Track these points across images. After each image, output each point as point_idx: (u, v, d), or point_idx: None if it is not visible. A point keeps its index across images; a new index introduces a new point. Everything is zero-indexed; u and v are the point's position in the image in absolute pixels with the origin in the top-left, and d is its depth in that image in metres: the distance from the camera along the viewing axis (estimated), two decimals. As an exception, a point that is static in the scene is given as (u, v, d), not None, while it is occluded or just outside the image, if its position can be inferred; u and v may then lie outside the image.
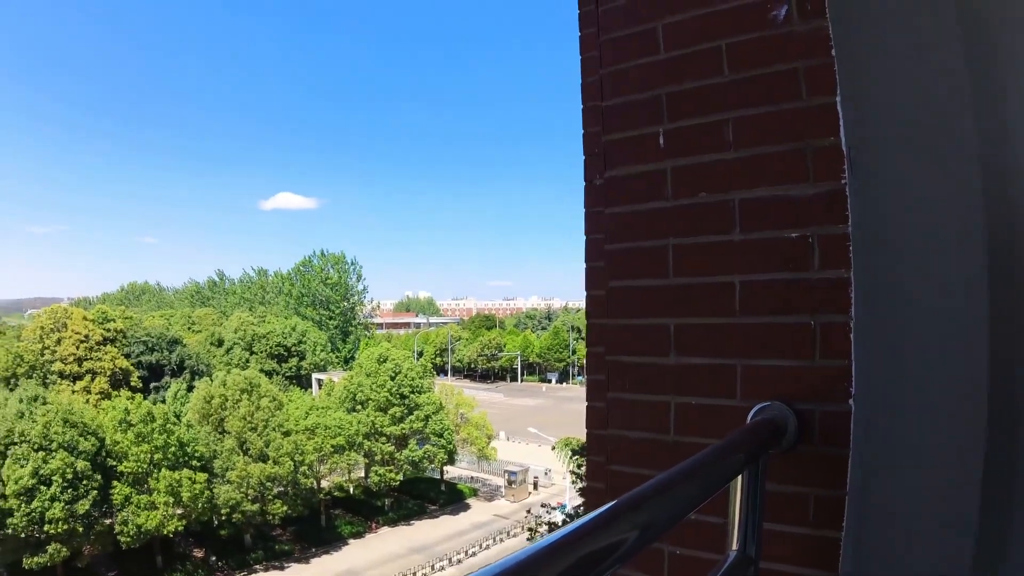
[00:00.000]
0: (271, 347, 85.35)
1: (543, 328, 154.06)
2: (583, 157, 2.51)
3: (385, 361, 55.86)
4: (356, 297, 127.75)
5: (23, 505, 41.54)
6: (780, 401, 1.91)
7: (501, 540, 52.04)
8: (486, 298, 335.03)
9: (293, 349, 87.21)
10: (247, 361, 72.99)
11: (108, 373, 64.96)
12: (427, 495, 57.87)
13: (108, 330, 70.61)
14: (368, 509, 54.85)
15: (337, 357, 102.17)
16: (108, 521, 45.21)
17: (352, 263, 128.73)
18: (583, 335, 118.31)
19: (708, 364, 2.07)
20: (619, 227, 2.31)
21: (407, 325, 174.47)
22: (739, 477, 1.56)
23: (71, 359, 66.32)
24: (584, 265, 2.51)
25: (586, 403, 2.44)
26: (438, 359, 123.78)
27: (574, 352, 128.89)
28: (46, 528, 41.55)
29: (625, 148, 2.30)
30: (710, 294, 2.07)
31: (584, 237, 2.52)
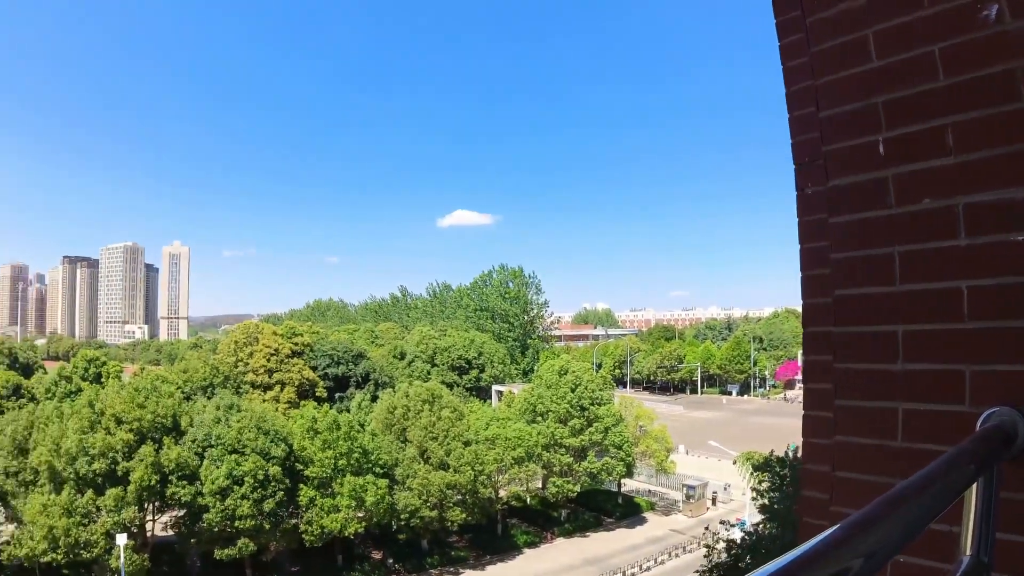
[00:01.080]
0: (452, 360, 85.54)
1: (723, 339, 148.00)
2: (793, 167, 2.51)
3: (566, 373, 53.19)
4: (536, 310, 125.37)
5: (217, 502, 42.41)
6: (1010, 406, 1.80)
7: (677, 556, 49.37)
8: (664, 309, 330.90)
9: (473, 362, 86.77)
10: (428, 373, 72.50)
11: (296, 384, 66.35)
12: (603, 507, 55.08)
13: (296, 344, 72.85)
14: (544, 519, 52.69)
15: (516, 369, 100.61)
16: (293, 521, 45.57)
17: (530, 276, 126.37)
18: (765, 345, 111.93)
19: (936, 370, 2.00)
20: (844, 236, 2.23)
21: (585, 337, 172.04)
22: (973, 485, 1.51)
23: (262, 371, 68.61)
24: (800, 274, 2.47)
25: (803, 412, 2.41)
26: (617, 371, 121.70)
27: (755, 363, 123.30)
28: (236, 524, 42.25)
29: (846, 157, 2.23)
30: (937, 300, 2.01)
31: (798, 246, 2.49)
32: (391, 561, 48.49)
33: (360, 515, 45.69)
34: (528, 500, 53.71)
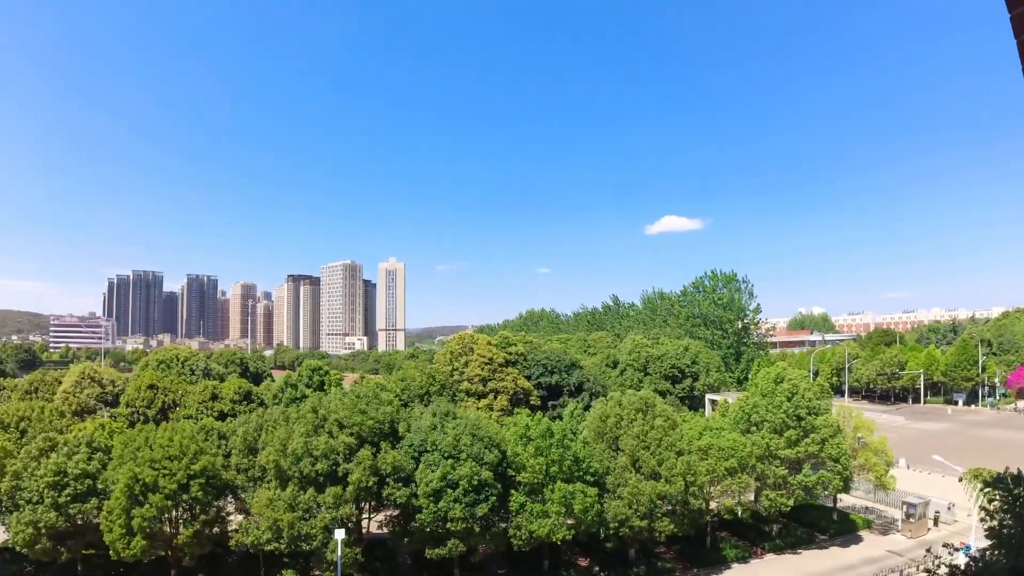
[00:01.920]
0: (665, 368, 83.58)
1: (947, 343, 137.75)
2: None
3: (781, 381, 49.46)
4: (749, 316, 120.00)
5: (431, 504, 42.26)
6: None
7: (892, 580, 45.22)
8: (884, 311, 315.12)
9: (686, 370, 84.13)
10: (640, 382, 69.79)
11: (510, 392, 66.25)
12: (817, 523, 51.14)
13: (510, 353, 73.22)
14: (754, 533, 49.47)
15: (730, 377, 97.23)
16: (503, 525, 44.89)
17: (743, 281, 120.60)
18: (994, 349, 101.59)
19: None
20: None
21: (801, 343, 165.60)
22: None
23: (477, 379, 69.09)
24: None
25: None
26: (834, 379, 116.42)
27: (984, 370, 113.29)
28: (448, 525, 42.16)
29: None
30: None
31: None
32: (597, 569, 47.07)
33: (569, 522, 44.32)
34: (739, 513, 50.46)
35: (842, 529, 51.84)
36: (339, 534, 42.10)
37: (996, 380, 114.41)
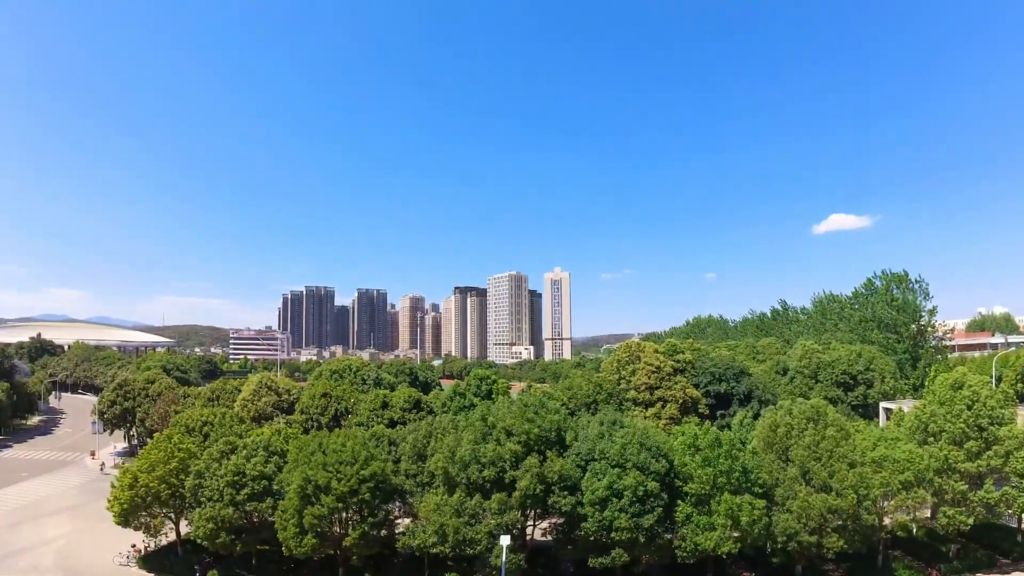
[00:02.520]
0: (836, 375, 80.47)
1: None
2: None
3: (961, 388, 46.45)
4: (925, 318, 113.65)
5: (596, 513, 42.23)
6: None
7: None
8: None
9: (859, 377, 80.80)
10: (810, 389, 67.76)
11: (678, 401, 65.66)
12: (999, 545, 48.24)
13: (677, 361, 72.32)
14: (930, 553, 46.89)
15: (906, 384, 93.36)
16: (668, 536, 44.27)
17: (917, 281, 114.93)
18: None
19: None
20: None
21: (982, 347, 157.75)
22: None
23: (644, 388, 68.61)
24: None
25: None
26: (1020, 385, 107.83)
27: None
28: (612, 535, 41.95)
29: None
30: None
31: None
32: (761, 583, 45.13)
33: (735, 535, 43.24)
34: (914, 531, 47.79)
35: (1027, 551, 48.22)
36: (504, 540, 42.39)
37: None
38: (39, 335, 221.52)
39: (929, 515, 47.33)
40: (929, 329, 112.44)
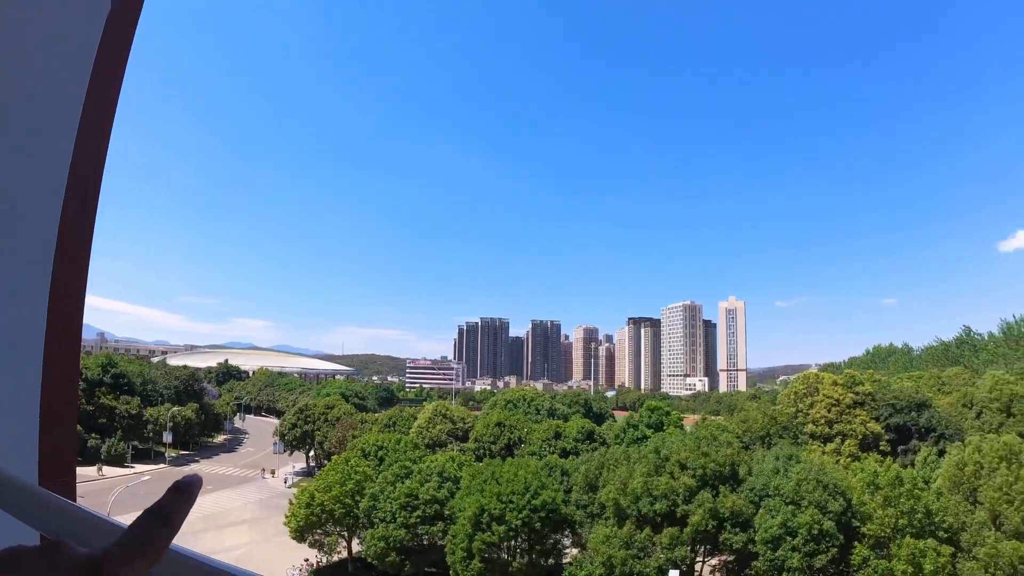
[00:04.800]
0: None
1: None
2: None
3: None
4: None
5: (768, 551, 41.55)
6: None
7: None
8: None
9: None
10: (1001, 425, 64.54)
11: (859, 436, 64.04)
12: None
13: (857, 394, 70.10)
14: None
15: None
16: None
17: None
18: None
19: None
20: None
21: None
22: None
23: (822, 421, 67.09)
24: None
25: None
26: None
27: None
28: (784, 575, 40.84)
29: None
30: None
31: None
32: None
33: (922, 582, 40.98)
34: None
35: None
36: (673, 575, 42.15)
37: None
38: (226, 361, 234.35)
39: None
40: None
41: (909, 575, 40.44)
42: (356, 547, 54.72)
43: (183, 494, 0.94)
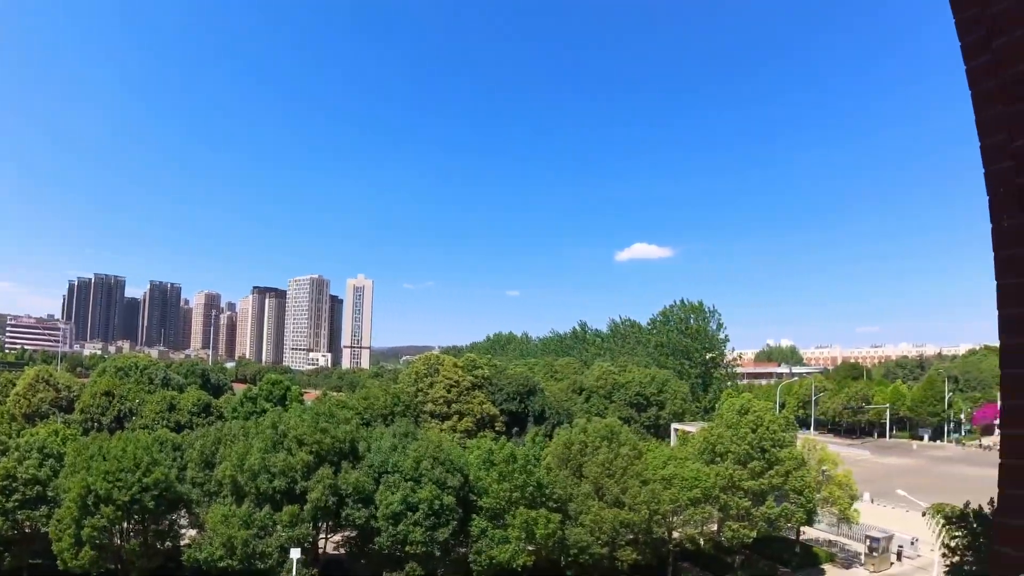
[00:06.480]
0: (630, 396, 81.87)
1: (914, 378, 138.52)
2: (987, 199, 2.37)
3: (747, 413, 48.74)
4: (717, 347, 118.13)
5: (390, 527, 40.91)
6: None
7: (855, 614, 43.91)
8: (852, 345, 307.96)
9: (652, 398, 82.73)
10: (606, 409, 67.95)
11: (476, 416, 64.09)
12: (779, 556, 50.45)
13: (476, 376, 71.34)
14: (717, 565, 48.49)
15: (697, 407, 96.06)
16: (463, 550, 43.69)
17: (711, 311, 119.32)
18: (961, 386, 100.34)
19: None
20: None
21: (768, 375, 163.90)
22: None
23: (441, 401, 67.56)
24: (998, 311, 2.36)
25: (1001, 460, 2.30)
26: (801, 411, 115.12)
27: (950, 406, 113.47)
28: (407, 549, 40.76)
29: None
30: None
31: (995, 282, 2.38)
32: (557, 596, 44.72)
33: (530, 548, 43.23)
34: (702, 544, 48.93)
35: (805, 562, 51.06)
36: (295, 553, 40.41)
37: (962, 416, 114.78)
38: None
39: (716, 529, 48.63)
40: (720, 357, 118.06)
41: (523, 541, 42.17)
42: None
43: None
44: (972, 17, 2.22)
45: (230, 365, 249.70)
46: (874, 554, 49.79)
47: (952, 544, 29.31)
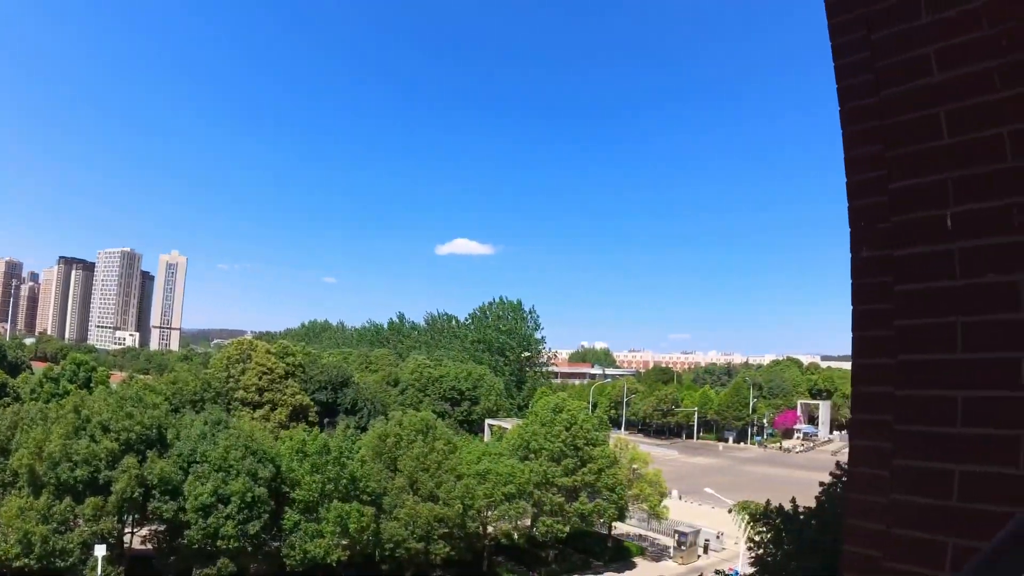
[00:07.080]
0: (445, 390, 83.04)
1: (721, 384, 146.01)
2: (848, 231, 2.53)
3: (561, 411, 51.14)
4: (533, 346, 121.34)
5: (200, 520, 40.39)
6: None
7: (664, 604, 47.18)
8: (664, 351, 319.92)
9: (467, 393, 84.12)
10: (420, 402, 69.15)
11: (289, 406, 63.67)
12: (592, 550, 52.86)
13: (288, 364, 70.32)
14: (531, 559, 50.43)
15: (511, 404, 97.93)
16: (276, 544, 43.53)
17: (529, 311, 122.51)
18: (764, 393, 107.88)
19: (993, 434, 2.04)
20: (909, 303, 2.27)
21: (582, 376, 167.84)
22: None
23: (253, 389, 66.19)
24: (853, 334, 2.47)
25: (849, 467, 2.45)
26: (613, 412, 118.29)
27: (754, 411, 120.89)
28: (218, 543, 40.34)
29: (914, 229, 2.27)
30: (996, 368, 2.04)
31: (851, 307, 2.49)
32: (371, 591, 45.44)
33: (344, 542, 43.69)
34: (516, 538, 50.98)
35: (617, 556, 53.63)
36: (100, 550, 39.54)
37: (764, 421, 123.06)
38: None
39: (530, 524, 50.70)
40: (535, 355, 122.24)
41: (337, 535, 42.50)
42: None
43: None
44: (856, 63, 2.38)
45: (29, 341, 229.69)
46: (682, 547, 52.94)
47: (756, 538, 32.59)
